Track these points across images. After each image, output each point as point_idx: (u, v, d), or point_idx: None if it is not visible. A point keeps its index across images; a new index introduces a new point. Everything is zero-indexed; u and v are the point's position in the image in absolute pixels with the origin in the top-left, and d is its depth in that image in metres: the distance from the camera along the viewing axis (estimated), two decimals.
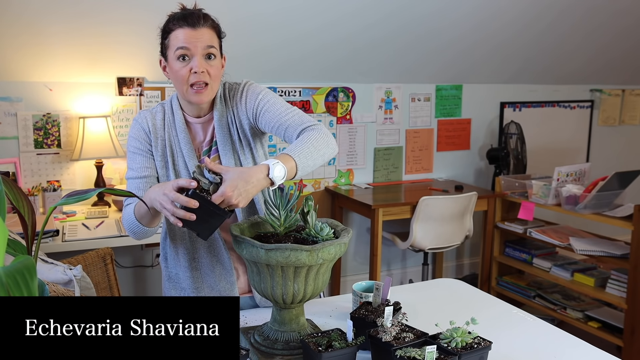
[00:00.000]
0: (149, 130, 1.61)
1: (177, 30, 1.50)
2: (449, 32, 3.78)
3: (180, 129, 1.60)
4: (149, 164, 1.61)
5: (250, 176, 1.33)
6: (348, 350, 1.24)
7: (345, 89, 3.97)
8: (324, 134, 1.51)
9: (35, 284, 0.85)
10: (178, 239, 1.64)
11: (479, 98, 4.43)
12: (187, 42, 1.49)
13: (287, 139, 1.56)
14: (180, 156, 1.61)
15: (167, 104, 1.65)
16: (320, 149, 1.48)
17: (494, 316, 1.63)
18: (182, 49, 1.49)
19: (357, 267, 4.20)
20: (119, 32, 3.10)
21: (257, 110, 1.59)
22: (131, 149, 1.62)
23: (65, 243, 2.68)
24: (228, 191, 1.29)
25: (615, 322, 3.21)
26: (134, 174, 1.61)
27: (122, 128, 3.40)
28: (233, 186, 1.30)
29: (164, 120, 1.63)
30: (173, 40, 1.51)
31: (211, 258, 1.63)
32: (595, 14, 3.99)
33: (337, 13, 3.36)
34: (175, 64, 1.51)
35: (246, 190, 1.32)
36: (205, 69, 1.51)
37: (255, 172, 1.34)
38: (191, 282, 1.64)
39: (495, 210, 3.83)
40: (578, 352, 1.44)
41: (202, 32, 1.50)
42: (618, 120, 5.07)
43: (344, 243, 1.32)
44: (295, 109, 1.59)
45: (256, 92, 1.61)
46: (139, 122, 1.63)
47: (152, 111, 1.65)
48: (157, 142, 1.61)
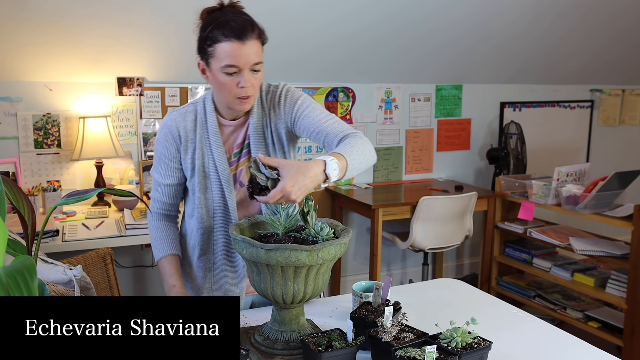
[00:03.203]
0: (179, 135, 1.59)
1: (225, 43, 1.44)
2: (449, 32, 3.77)
3: (213, 131, 1.58)
4: (171, 173, 1.62)
5: (309, 170, 1.31)
6: (348, 350, 1.24)
7: (345, 89, 3.97)
8: (367, 141, 1.52)
9: (35, 284, 0.85)
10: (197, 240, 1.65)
11: (479, 98, 4.43)
12: (236, 60, 1.44)
13: (326, 145, 1.55)
14: (211, 159, 1.59)
15: (200, 104, 1.62)
16: (366, 155, 1.48)
17: (494, 316, 1.63)
18: (231, 67, 1.45)
19: (357, 267, 4.20)
20: (119, 32, 3.10)
21: (296, 115, 1.58)
22: (158, 153, 1.63)
23: (65, 243, 2.68)
24: (288, 186, 1.27)
25: (615, 322, 3.21)
26: (158, 178, 1.64)
27: (122, 128, 3.40)
28: (293, 181, 1.27)
29: (195, 122, 1.60)
30: (220, 53, 1.45)
31: (225, 258, 1.64)
32: (595, 14, 3.99)
33: (337, 13, 3.36)
34: (221, 76, 1.47)
35: (305, 184, 1.30)
36: (252, 83, 1.49)
37: (312, 166, 1.32)
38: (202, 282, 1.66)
39: (495, 210, 3.83)
40: (578, 352, 1.44)
41: (250, 45, 1.45)
42: (618, 120, 5.08)
43: (344, 243, 1.32)
44: (334, 116, 1.59)
45: (295, 97, 1.60)
46: (168, 127, 1.60)
47: (182, 112, 1.61)
48: (187, 145, 1.59)
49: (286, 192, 1.27)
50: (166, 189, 1.63)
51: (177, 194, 1.67)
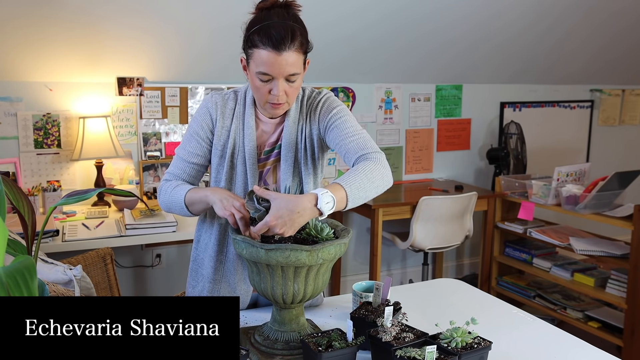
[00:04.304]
0: (217, 118, 1.58)
1: (261, 50, 1.42)
2: (449, 32, 3.78)
3: (249, 124, 1.57)
4: (200, 152, 1.60)
5: (297, 205, 1.29)
6: (348, 350, 1.24)
7: (345, 89, 3.97)
8: (381, 165, 1.45)
9: (35, 284, 0.85)
10: (214, 227, 1.64)
11: (479, 98, 4.43)
12: (270, 70, 1.43)
13: (346, 161, 1.53)
14: (241, 152, 1.58)
15: (241, 94, 1.61)
16: (375, 181, 1.42)
17: (494, 316, 1.63)
18: (264, 75, 1.44)
19: (357, 267, 4.20)
20: (119, 32, 3.10)
21: (327, 124, 1.57)
22: (191, 130, 1.60)
23: (65, 243, 2.68)
24: (272, 221, 1.28)
25: (615, 322, 3.21)
26: (184, 154, 1.60)
27: (122, 128, 3.40)
28: (277, 216, 1.28)
29: (233, 110, 1.59)
30: (256, 59, 1.44)
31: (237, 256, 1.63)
32: (596, 14, 3.99)
33: (337, 13, 3.36)
34: (255, 79, 1.46)
35: (292, 219, 1.29)
36: (285, 92, 1.47)
37: (302, 201, 1.30)
38: (212, 272, 1.64)
39: (495, 210, 3.83)
40: (578, 352, 1.44)
41: (287, 56, 1.42)
42: (618, 120, 5.07)
43: (344, 243, 1.32)
44: (363, 133, 1.54)
45: (332, 107, 1.59)
46: (208, 107, 1.59)
47: (224, 96, 1.60)
48: (222, 131, 1.58)
49: (271, 226, 1.28)
50: (189, 167, 1.60)
51: (198, 175, 1.64)
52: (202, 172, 1.65)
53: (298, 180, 1.60)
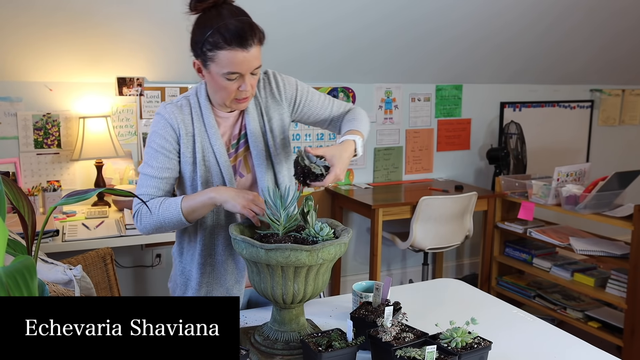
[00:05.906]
0: (179, 127, 1.56)
1: (228, 51, 1.42)
2: (449, 32, 3.77)
3: (210, 124, 1.57)
4: (170, 165, 1.57)
5: (347, 152, 1.51)
6: (348, 350, 1.24)
7: (345, 89, 3.97)
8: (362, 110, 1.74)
9: (35, 284, 0.85)
10: (198, 235, 1.63)
11: (479, 98, 4.43)
12: (239, 68, 1.44)
13: (331, 127, 1.73)
14: (211, 152, 1.58)
15: (193, 97, 1.60)
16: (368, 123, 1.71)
17: (494, 316, 1.63)
18: (233, 74, 1.45)
19: (357, 267, 4.20)
20: (119, 32, 3.10)
21: (297, 100, 1.66)
22: (154, 146, 1.55)
23: (65, 243, 2.68)
24: (339, 171, 1.46)
25: (615, 322, 3.21)
26: (153, 172, 1.55)
27: (122, 128, 3.40)
28: (341, 165, 1.46)
29: (191, 115, 1.58)
30: (223, 60, 1.43)
31: (227, 255, 1.63)
32: (596, 14, 3.99)
33: (337, 13, 3.36)
34: (221, 80, 1.46)
35: (347, 164, 1.49)
36: (251, 85, 1.50)
37: (350, 147, 1.53)
38: (203, 279, 1.64)
39: (495, 210, 3.83)
40: (578, 352, 1.44)
41: (253, 52, 1.44)
42: (618, 120, 5.07)
43: (344, 243, 1.32)
44: (331, 98, 1.73)
45: (292, 82, 1.67)
46: (166, 118, 1.55)
47: (177, 105, 1.58)
48: (187, 138, 1.56)
49: (338, 176, 1.46)
50: (162, 183, 1.57)
51: (171, 189, 1.62)
52: (174, 184, 1.63)
53: (272, 170, 1.63)
